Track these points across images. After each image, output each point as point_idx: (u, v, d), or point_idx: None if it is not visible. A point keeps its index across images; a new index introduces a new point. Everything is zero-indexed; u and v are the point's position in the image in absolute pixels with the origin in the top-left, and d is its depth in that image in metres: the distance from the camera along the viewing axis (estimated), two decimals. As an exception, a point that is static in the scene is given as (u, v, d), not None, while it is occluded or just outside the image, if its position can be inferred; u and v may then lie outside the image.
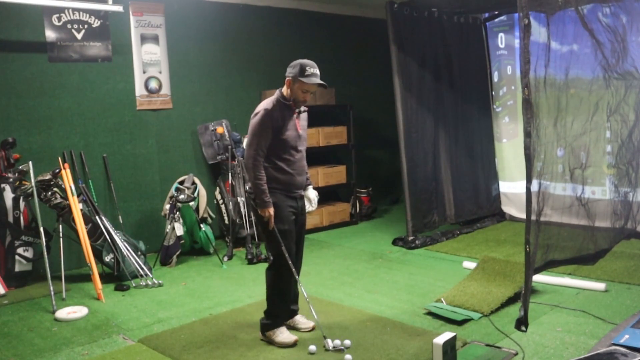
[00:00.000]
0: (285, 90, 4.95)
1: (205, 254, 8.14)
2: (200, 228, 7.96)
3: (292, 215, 5.03)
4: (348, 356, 4.63)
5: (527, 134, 4.37)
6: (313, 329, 5.27)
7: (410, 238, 8.31)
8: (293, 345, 4.94)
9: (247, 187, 5.25)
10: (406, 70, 8.39)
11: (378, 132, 11.28)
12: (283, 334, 5.02)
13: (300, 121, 5.07)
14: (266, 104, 4.91)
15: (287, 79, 4.92)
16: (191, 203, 7.80)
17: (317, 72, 4.93)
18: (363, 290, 6.48)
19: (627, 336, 4.51)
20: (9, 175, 6.84)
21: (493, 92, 9.76)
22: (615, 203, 6.06)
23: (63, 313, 5.89)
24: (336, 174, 9.75)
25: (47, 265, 6.33)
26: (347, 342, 4.87)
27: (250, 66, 9.33)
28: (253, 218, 7.93)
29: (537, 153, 4.57)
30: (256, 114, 4.87)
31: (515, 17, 9.11)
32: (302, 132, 5.07)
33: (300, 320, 5.34)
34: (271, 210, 4.88)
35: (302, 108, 5.09)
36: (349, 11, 10.70)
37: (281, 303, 5.12)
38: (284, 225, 4.95)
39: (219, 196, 8.54)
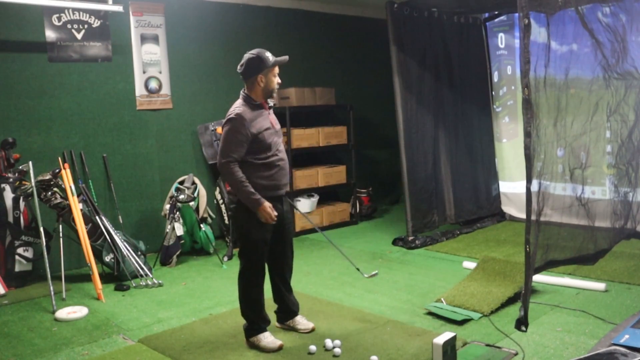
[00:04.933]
0: (252, 90, 4.90)
1: (205, 254, 8.15)
2: (200, 228, 7.96)
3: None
4: (374, 357, 4.60)
5: (527, 134, 4.37)
6: (312, 330, 5.25)
7: (410, 238, 8.31)
8: (277, 350, 4.86)
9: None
10: (406, 70, 8.39)
11: (378, 132, 11.28)
12: (267, 339, 4.93)
13: (272, 116, 5.01)
14: (236, 108, 4.81)
15: (253, 77, 4.87)
16: (191, 203, 7.80)
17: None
18: (363, 290, 6.48)
19: (627, 336, 4.51)
20: (9, 175, 6.84)
21: (493, 92, 9.76)
22: (615, 203, 6.06)
23: (63, 313, 5.89)
24: (336, 174, 9.75)
25: (47, 265, 6.33)
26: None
27: (250, 66, 9.31)
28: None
29: (537, 153, 4.57)
30: (228, 120, 4.76)
31: (515, 17, 9.11)
32: (278, 128, 5.00)
33: (300, 321, 5.31)
34: (267, 206, 4.74)
35: (272, 102, 5.05)
36: (349, 11, 10.70)
37: (254, 310, 5.00)
38: (257, 234, 4.84)
39: (219, 196, 8.54)
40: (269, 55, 4.90)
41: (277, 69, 4.95)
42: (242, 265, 4.95)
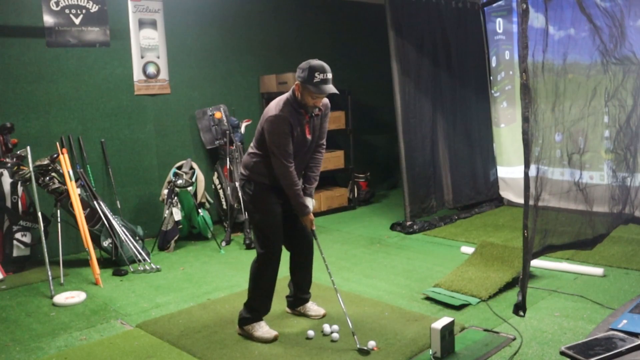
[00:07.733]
0: (296, 93, 4.65)
1: (203, 239, 8.15)
2: (198, 213, 7.96)
3: (280, 207, 4.85)
4: (372, 342, 4.61)
5: (525, 119, 4.36)
6: (324, 316, 5.24)
7: (408, 223, 8.33)
8: (273, 340, 4.79)
9: (239, 172, 5.05)
10: (404, 55, 8.37)
11: (376, 117, 11.26)
12: (262, 329, 4.86)
13: (312, 123, 4.81)
14: (277, 107, 4.61)
15: (296, 82, 4.63)
16: (189, 188, 7.80)
17: (329, 76, 4.61)
18: (361, 275, 6.49)
19: (625, 321, 4.50)
20: (7, 160, 6.83)
21: (491, 77, 9.74)
22: (613, 188, 6.05)
23: (61, 298, 5.90)
24: (334, 159, 9.74)
25: (45, 250, 6.34)
26: (372, 342, 4.65)
27: (248, 51, 9.30)
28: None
29: (535, 138, 4.55)
30: (269, 120, 4.59)
31: (513, 2, 9.08)
32: (310, 137, 4.81)
33: (311, 307, 5.31)
34: (311, 217, 4.88)
35: (317, 110, 4.81)
36: (347, -5, 10.67)
37: (261, 301, 4.94)
38: (268, 218, 4.80)
39: (217, 181, 8.54)
40: (320, 77, 4.56)
41: (319, 95, 4.66)
42: (256, 253, 4.90)
